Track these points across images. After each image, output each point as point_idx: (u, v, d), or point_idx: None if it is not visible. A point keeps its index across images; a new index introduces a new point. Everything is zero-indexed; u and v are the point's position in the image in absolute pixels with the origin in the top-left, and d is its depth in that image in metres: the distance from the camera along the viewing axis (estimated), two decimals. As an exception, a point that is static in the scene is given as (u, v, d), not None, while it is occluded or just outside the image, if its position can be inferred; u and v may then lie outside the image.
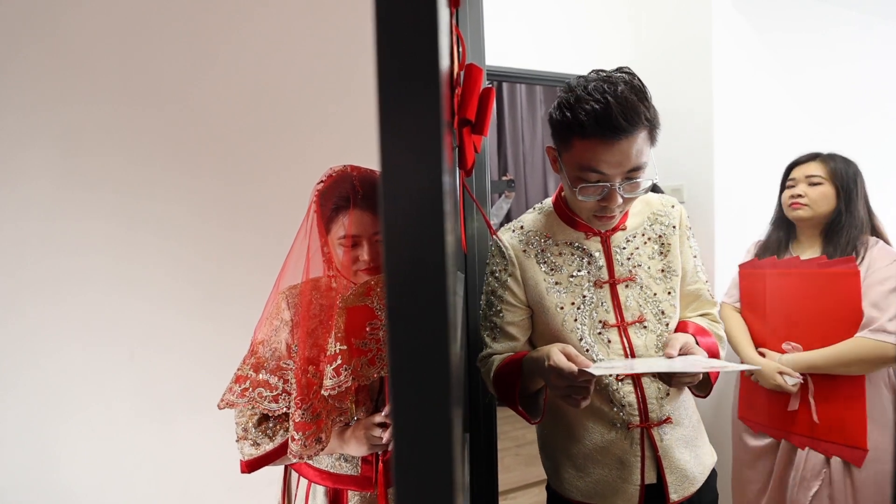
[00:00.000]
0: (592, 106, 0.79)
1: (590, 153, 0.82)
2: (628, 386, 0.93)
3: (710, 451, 1.03)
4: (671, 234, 0.99)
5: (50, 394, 1.52)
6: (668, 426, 0.95)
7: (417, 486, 0.20)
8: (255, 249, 1.68)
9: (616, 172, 0.82)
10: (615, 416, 0.94)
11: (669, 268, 0.97)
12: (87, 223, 1.53)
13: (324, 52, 1.75)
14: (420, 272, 0.20)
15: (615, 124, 0.78)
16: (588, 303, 0.94)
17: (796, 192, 1.45)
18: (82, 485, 1.56)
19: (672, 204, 1.02)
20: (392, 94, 0.20)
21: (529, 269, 0.97)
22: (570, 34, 2.19)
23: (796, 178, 1.48)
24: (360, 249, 0.92)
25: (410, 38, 0.20)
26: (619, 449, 0.94)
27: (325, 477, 0.98)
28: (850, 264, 1.33)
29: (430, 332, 0.20)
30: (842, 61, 2.21)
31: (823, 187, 1.42)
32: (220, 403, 0.95)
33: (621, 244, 0.96)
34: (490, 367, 0.99)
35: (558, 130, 0.87)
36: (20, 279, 1.49)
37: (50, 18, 1.49)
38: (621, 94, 0.79)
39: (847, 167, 1.42)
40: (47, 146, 1.49)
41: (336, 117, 1.78)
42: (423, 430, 0.20)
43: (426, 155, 0.20)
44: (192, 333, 1.64)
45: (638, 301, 0.95)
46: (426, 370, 0.20)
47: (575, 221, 0.97)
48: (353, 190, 0.90)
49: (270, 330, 0.95)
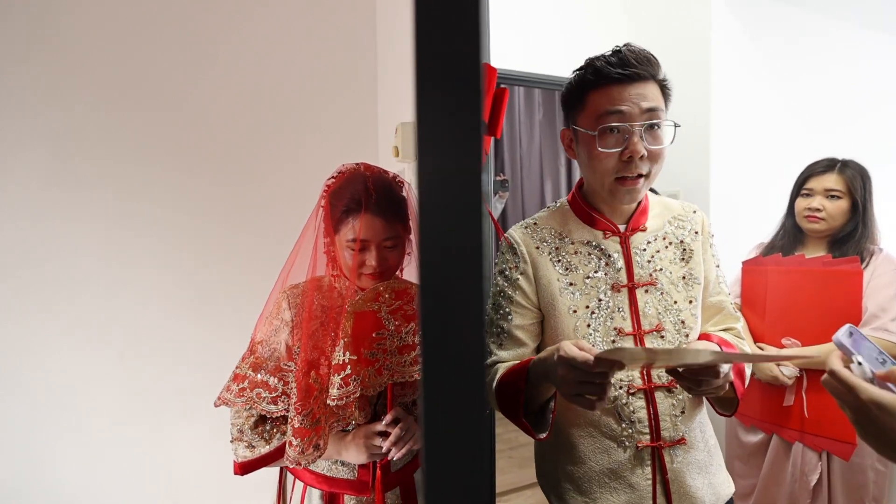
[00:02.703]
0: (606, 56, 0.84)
1: (606, 97, 0.83)
2: (640, 401, 0.85)
3: (726, 480, 0.94)
4: (693, 239, 0.93)
5: (39, 395, 1.49)
6: (681, 448, 0.86)
7: (450, 487, 0.20)
8: (247, 251, 1.66)
9: (635, 111, 0.82)
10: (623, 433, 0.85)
11: (691, 275, 0.91)
12: (78, 224, 1.50)
13: (321, 53, 1.74)
14: (456, 273, 0.19)
15: (628, 65, 0.81)
16: (604, 307, 0.87)
17: (814, 205, 1.44)
18: (71, 486, 1.53)
19: (694, 209, 0.97)
20: (431, 85, 0.19)
21: (543, 267, 0.90)
22: (568, 38, 2.20)
23: (814, 188, 1.46)
24: (367, 254, 0.90)
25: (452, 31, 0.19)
26: (627, 471, 0.86)
27: (321, 480, 0.97)
28: (853, 264, 1.35)
29: (465, 332, 0.19)
30: (836, 68, 2.25)
31: (841, 202, 1.42)
32: (217, 401, 0.93)
33: (641, 245, 0.90)
34: (493, 376, 0.89)
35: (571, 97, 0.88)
36: (9, 281, 1.46)
37: (42, 18, 1.46)
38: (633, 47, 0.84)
39: (863, 179, 1.42)
40: (37, 147, 1.46)
41: (332, 119, 1.76)
42: (456, 429, 0.20)
43: (466, 151, 0.20)
44: (183, 335, 1.61)
45: (657, 308, 0.88)
46: (461, 369, 0.20)
47: (593, 218, 0.91)
48: (366, 193, 0.88)
49: (270, 330, 0.94)
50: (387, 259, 0.92)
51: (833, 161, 1.47)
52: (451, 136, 0.20)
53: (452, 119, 0.20)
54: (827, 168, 1.46)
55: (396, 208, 0.92)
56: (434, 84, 0.19)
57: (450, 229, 0.19)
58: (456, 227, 0.20)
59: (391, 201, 0.91)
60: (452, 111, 0.20)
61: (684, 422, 0.87)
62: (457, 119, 0.20)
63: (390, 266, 0.94)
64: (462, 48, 0.19)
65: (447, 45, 0.19)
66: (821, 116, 2.21)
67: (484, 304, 0.19)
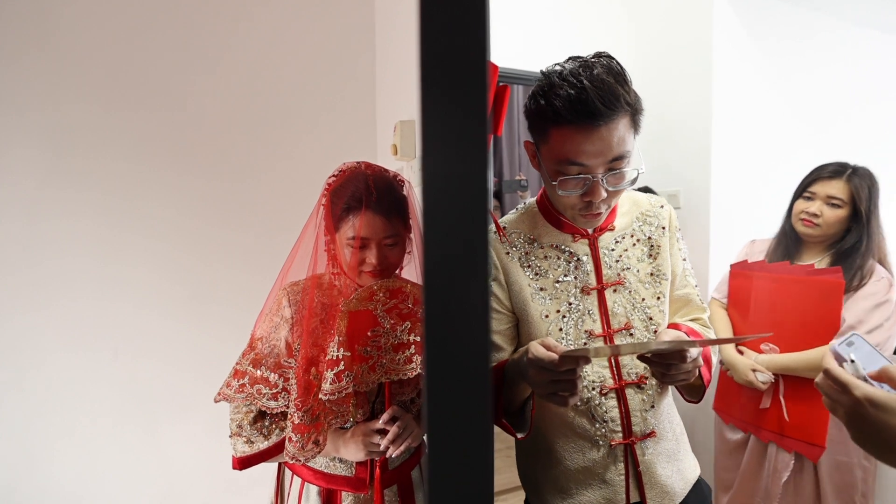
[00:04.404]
0: (567, 91, 0.74)
1: (568, 143, 0.76)
2: (612, 400, 0.88)
3: (692, 464, 0.98)
4: (661, 235, 0.93)
5: (34, 394, 1.49)
6: (651, 440, 0.90)
7: (455, 486, 0.20)
8: (242, 250, 1.66)
9: (597, 163, 0.77)
10: (597, 433, 0.88)
11: (659, 271, 0.92)
12: (73, 222, 1.49)
13: (319, 51, 1.74)
14: (461, 273, 0.19)
15: (592, 109, 0.73)
16: (574, 311, 0.88)
17: (812, 209, 1.43)
18: (66, 484, 1.53)
19: (661, 204, 0.97)
20: (436, 81, 0.19)
21: (513, 273, 0.90)
22: (568, 37, 2.20)
23: (816, 193, 1.43)
24: (367, 252, 0.90)
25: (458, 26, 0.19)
26: (602, 468, 0.89)
27: (318, 477, 0.97)
28: (836, 274, 1.34)
29: (470, 332, 0.19)
30: (838, 69, 2.25)
31: (841, 211, 1.40)
32: (217, 397, 0.93)
33: (609, 245, 0.91)
34: None
35: (533, 121, 0.82)
36: (4, 279, 1.45)
37: (39, 16, 1.45)
38: (598, 77, 0.74)
39: (871, 188, 1.39)
40: (32, 145, 1.45)
41: (331, 117, 1.76)
42: (460, 426, 0.20)
43: (471, 148, 0.20)
44: (177, 334, 1.61)
45: (625, 307, 0.89)
46: (466, 369, 0.20)
47: (561, 222, 0.91)
48: (367, 191, 0.88)
49: (270, 326, 0.94)
50: (387, 257, 0.92)
51: (842, 167, 1.43)
52: (456, 133, 0.20)
53: (458, 116, 0.20)
54: (834, 174, 1.42)
55: (397, 207, 0.92)
56: (439, 81, 0.19)
57: (455, 228, 0.20)
58: (461, 226, 0.20)
59: (392, 200, 0.92)
60: (458, 108, 0.20)
61: (653, 415, 0.90)
62: (462, 116, 0.20)
63: (390, 264, 0.94)
64: (468, 44, 0.19)
65: (453, 40, 0.19)
66: (822, 116, 2.21)
67: (489, 303, 0.19)
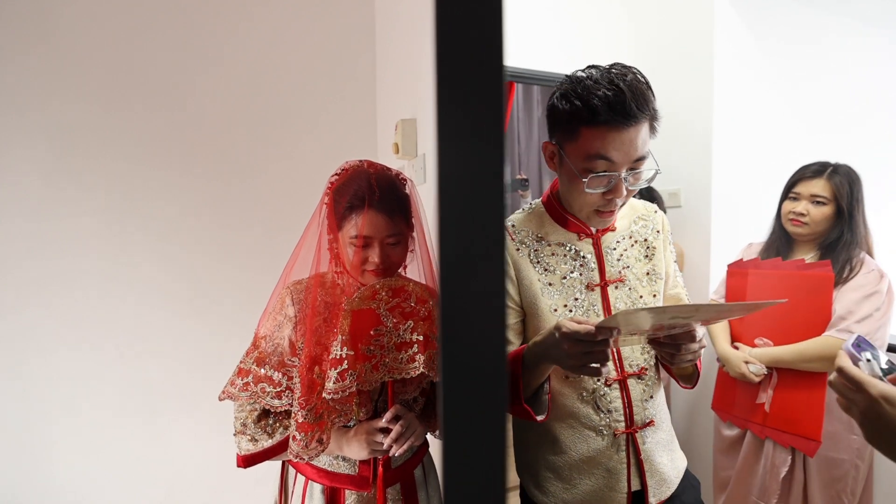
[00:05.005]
0: (605, 92, 0.79)
1: (600, 140, 0.81)
2: (615, 391, 0.93)
3: (682, 455, 1.04)
4: (656, 238, 1.00)
5: (38, 391, 1.50)
6: (650, 430, 0.95)
7: (469, 482, 0.20)
8: (245, 248, 1.66)
9: (624, 161, 0.82)
10: (602, 422, 0.93)
11: (655, 271, 0.98)
12: (77, 221, 1.50)
13: (320, 50, 1.74)
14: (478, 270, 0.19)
15: (628, 110, 0.79)
16: (580, 305, 0.93)
17: (798, 209, 1.47)
18: (70, 479, 1.53)
19: (655, 209, 1.04)
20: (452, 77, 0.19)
21: (524, 269, 0.95)
22: (569, 36, 2.19)
23: (800, 193, 1.48)
24: (370, 251, 0.91)
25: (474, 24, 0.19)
26: (605, 457, 0.93)
27: (322, 475, 0.98)
28: (825, 268, 1.39)
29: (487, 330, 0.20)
30: (839, 69, 2.25)
31: (826, 208, 1.43)
32: (221, 395, 0.93)
33: (611, 245, 0.96)
34: None
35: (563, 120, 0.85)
36: (8, 278, 1.46)
37: (41, 15, 1.45)
38: (632, 81, 0.80)
39: (851, 185, 1.42)
40: (34, 144, 1.46)
41: (332, 116, 1.76)
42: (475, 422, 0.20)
43: (488, 146, 0.20)
44: (180, 332, 1.62)
45: (626, 303, 0.94)
46: (480, 363, 0.20)
47: (567, 221, 0.96)
48: (369, 189, 0.88)
49: (273, 325, 0.94)
50: (389, 256, 0.93)
51: (823, 166, 1.47)
52: (472, 131, 0.20)
53: (474, 114, 0.20)
54: (815, 174, 1.47)
55: (399, 205, 0.93)
56: (455, 79, 0.19)
57: (471, 228, 0.20)
58: (478, 225, 0.20)
59: (394, 198, 0.92)
60: (474, 105, 0.20)
61: (652, 405, 0.96)
62: (478, 114, 0.20)
63: (393, 263, 0.94)
64: (484, 41, 0.19)
65: (469, 38, 0.19)
66: (824, 116, 2.21)
67: (505, 301, 0.19)
